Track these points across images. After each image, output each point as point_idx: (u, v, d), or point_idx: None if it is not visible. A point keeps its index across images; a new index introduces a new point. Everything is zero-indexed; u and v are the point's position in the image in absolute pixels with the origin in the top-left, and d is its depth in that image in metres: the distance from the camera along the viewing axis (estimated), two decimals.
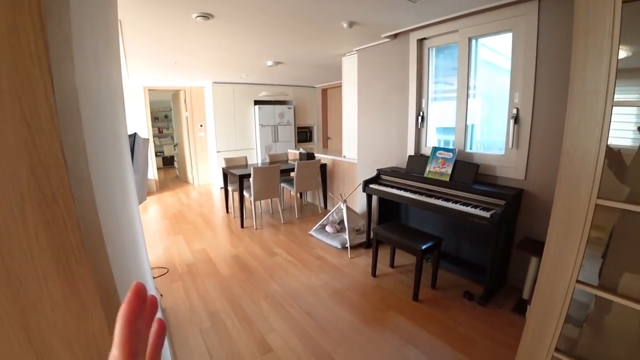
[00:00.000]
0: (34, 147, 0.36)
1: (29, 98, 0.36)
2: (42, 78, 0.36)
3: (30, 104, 0.36)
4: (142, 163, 2.51)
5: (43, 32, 0.35)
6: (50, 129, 0.37)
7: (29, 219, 0.37)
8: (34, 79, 0.36)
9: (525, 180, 2.62)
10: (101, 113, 0.82)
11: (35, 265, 0.38)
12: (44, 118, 0.36)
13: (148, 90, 6.76)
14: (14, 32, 0.35)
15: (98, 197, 0.56)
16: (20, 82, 0.35)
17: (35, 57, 0.36)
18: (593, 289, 1.30)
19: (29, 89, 0.36)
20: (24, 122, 0.35)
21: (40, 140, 0.37)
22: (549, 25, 2.34)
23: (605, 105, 1.14)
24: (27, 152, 0.36)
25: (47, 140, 0.37)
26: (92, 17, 0.83)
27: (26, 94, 0.36)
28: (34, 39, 0.35)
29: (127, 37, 3.19)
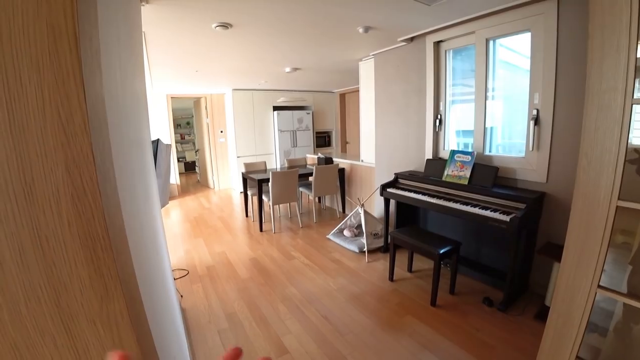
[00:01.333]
0: (68, 148, 0.42)
1: (66, 106, 0.42)
2: (77, 90, 0.42)
3: (67, 111, 0.42)
4: (165, 168, 2.61)
5: (77, 52, 0.41)
6: (82, 132, 0.43)
7: (63, 209, 0.43)
8: (70, 90, 0.42)
9: (547, 183, 2.55)
10: (125, 120, 0.88)
11: (67, 251, 0.44)
12: (77, 123, 0.42)
13: (171, 98, 7.02)
14: (55, 52, 0.41)
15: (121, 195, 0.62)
16: (58, 93, 0.42)
17: (71, 73, 0.42)
18: (617, 295, 1.26)
19: (65, 99, 0.42)
20: (61, 127, 0.42)
21: (74, 142, 0.43)
22: (568, 24, 2.29)
23: (624, 103, 1.12)
24: (63, 152, 0.42)
25: (79, 142, 0.43)
26: (118, 32, 0.90)
27: (63, 104, 0.42)
28: (70, 57, 0.42)
29: (151, 47, 3.35)
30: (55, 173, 0.42)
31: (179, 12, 2.44)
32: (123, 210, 0.61)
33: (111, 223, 0.47)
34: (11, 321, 0.42)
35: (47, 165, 0.42)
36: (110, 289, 0.46)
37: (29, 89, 0.40)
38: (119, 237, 0.50)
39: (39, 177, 0.42)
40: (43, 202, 0.42)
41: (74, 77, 0.42)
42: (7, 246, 0.41)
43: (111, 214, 0.47)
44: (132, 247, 0.66)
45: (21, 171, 0.41)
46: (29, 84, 0.40)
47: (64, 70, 0.41)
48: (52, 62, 0.41)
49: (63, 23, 0.41)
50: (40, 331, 0.44)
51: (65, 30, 0.41)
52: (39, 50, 0.40)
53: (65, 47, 0.41)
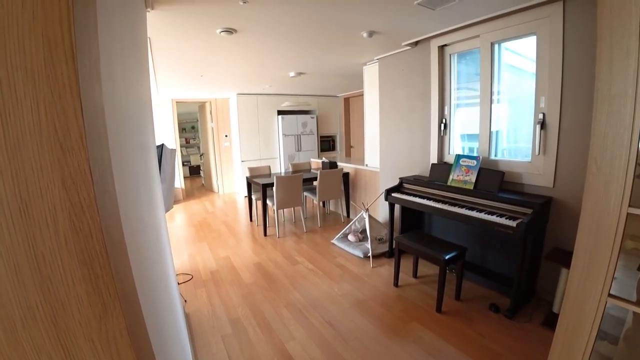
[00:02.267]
0: (65, 164, 0.42)
1: (62, 121, 0.41)
2: (73, 103, 0.41)
3: (63, 126, 0.41)
4: (169, 173, 2.62)
5: (74, 64, 0.41)
6: (79, 147, 0.42)
7: (60, 226, 0.42)
8: (67, 104, 0.41)
9: (554, 188, 2.52)
10: (129, 126, 0.88)
11: (64, 268, 0.43)
12: (74, 138, 0.41)
13: (176, 102, 7.06)
14: (50, 65, 0.41)
15: (124, 205, 0.61)
16: (54, 107, 0.41)
17: (67, 86, 0.41)
18: (627, 303, 1.23)
19: (62, 113, 0.41)
20: (58, 142, 0.41)
21: (70, 158, 0.42)
22: (575, 27, 2.27)
23: (634, 108, 1.10)
24: (60, 168, 0.41)
25: (76, 157, 0.42)
26: (122, 39, 0.90)
27: (60, 118, 0.41)
28: (67, 70, 0.41)
29: (156, 53, 3.37)
30: (51, 189, 0.41)
31: (184, 17, 2.46)
32: (124, 220, 0.60)
33: (110, 238, 0.46)
34: (7, 340, 0.41)
35: (43, 181, 0.41)
36: (109, 307, 0.45)
37: (24, 102, 0.39)
38: (118, 252, 0.49)
39: (34, 193, 0.41)
40: (39, 219, 0.41)
41: (70, 90, 0.41)
42: (3, 263, 0.40)
43: (110, 229, 0.47)
44: (133, 256, 0.65)
45: (17, 187, 0.40)
46: (24, 97, 0.39)
47: (60, 83, 0.41)
48: (47, 75, 0.40)
49: (59, 34, 0.40)
50: (36, 350, 0.42)
51: (62, 41, 0.40)
52: (34, 62, 0.40)
53: (62, 59, 0.40)
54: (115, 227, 0.50)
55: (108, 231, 0.46)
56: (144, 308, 0.58)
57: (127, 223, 0.62)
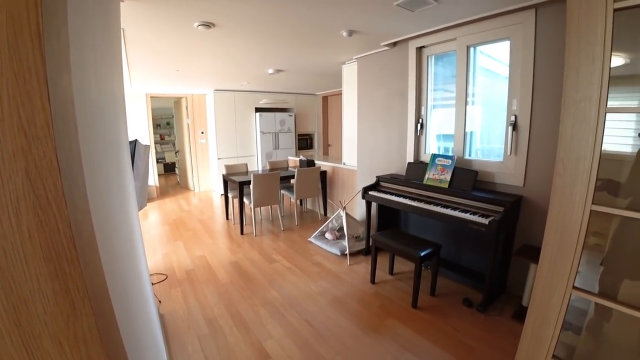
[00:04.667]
0: (29, 153, 0.38)
1: (27, 107, 0.38)
2: (39, 89, 0.38)
3: (28, 112, 0.38)
4: (143, 170, 2.53)
5: (41, 47, 0.38)
6: (45, 135, 0.39)
7: (23, 220, 0.39)
8: (32, 89, 0.38)
9: (524, 187, 2.63)
10: (100, 120, 0.84)
11: (28, 265, 0.40)
12: (39, 125, 0.38)
13: (150, 97, 6.83)
14: (15, 47, 0.38)
15: (93, 200, 0.58)
16: (19, 92, 0.38)
17: (33, 70, 0.38)
18: (589, 295, 1.30)
19: (26, 98, 0.38)
20: (22, 129, 0.38)
21: (35, 146, 0.39)
22: (545, 34, 2.37)
23: (598, 112, 1.15)
24: (24, 157, 0.38)
25: (42, 146, 0.39)
26: (94, 28, 0.86)
27: (24, 103, 0.38)
28: (32, 53, 0.38)
29: (130, 45, 3.25)
30: (14, 180, 0.38)
31: (160, 9, 2.37)
32: (95, 216, 0.57)
33: (79, 233, 0.43)
34: None
35: (4, 171, 0.38)
36: (78, 305, 0.42)
37: None
38: (88, 248, 0.46)
39: None
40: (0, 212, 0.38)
41: (36, 75, 0.38)
42: None
43: (79, 224, 0.44)
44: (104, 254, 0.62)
45: None
46: None
47: (25, 67, 0.38)
48: (11, 58, 0.37)
49: (25, 15, 0.37)
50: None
51: (27, 23, 0.37)
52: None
53: (27, 42, 0.37)
54: (85, 222, 0.47)
55: (77, 225, 0.43)
56: (115, 307, 0.56)
57: (97, 218, 0.59)
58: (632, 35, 1.28)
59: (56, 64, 0.41)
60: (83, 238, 0.45)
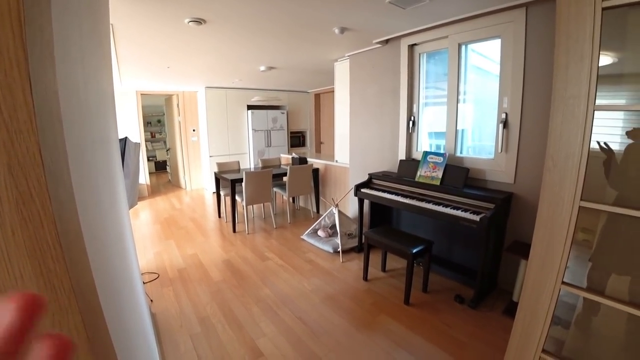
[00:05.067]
0: (12, 147, 0.37)
1: (8, 101, 0.37)
2: (21, 82, 0.37)
3: (10, 106, 0.37)
4: (133, 168, 2.49)
5: (22, 40, 0.36)
6: (28, 130, 0.38)
7: (6, 216, 0.38)
8: (14, 83, 0.37)
9: (515, 184, 2.66)
10: (88, 117, 0.82)
11: (11, 262, 0.39)
12: (22, 120, 0.37)
13: (141, 95, 6.74)
14: None
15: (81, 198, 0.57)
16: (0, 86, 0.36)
17: (14, 63, 0.37)
18: (578, 290, 1.32)
19: (8, 92, 0.37)
20: (3, 124, 0.37)
21: (18, 141, 0.38)
22: (536, 32, 2.40)
23: (587, 109, 1.17)
24: (6, 152, 0.37)
25: (25, 141, 0.38)
26: (80, 22, 0.84)
27: (5, 97, 0.37)
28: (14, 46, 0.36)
29: (120, 41, 3.19)
30: None
31: (151, 5, 2.33)
32: (83, 215, 0.56)
33: (64, 230, 0.42)
34: None
35: None
36: (63, 303, 0.41)
37: None
38: (74, 245, 0.45)
39: None
40: None
41: (17, 68, 0.37)
42: None
43: (65, 220, 0.43)
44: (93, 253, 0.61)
45: None
46: None
47: (5, 59, 0.36)
48: None
49: (5, 4, 0.35)
50: None
51: (8, 13, 0.36)
52: None
53: (8, 32, 0.36)
54: (71, 218, 0.46)
55: (62, 222, 0.42)
56: (104, 306, 0.55)
57: (85, 216, 0.58)
58: (620, 34, 1.30)
59: (39, 57, 0.39)
60: (69, 235, 0.44)
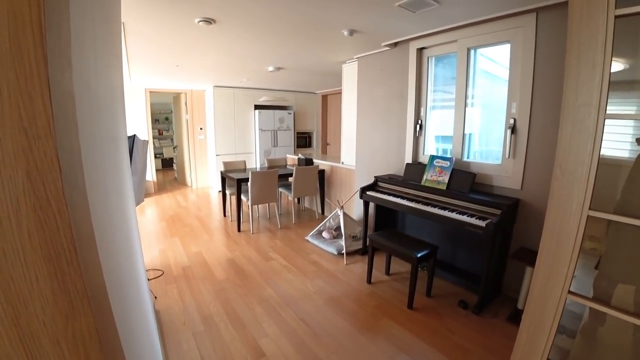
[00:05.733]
0: (30, 153, 0.38)
1: (28, 106, 0.38)
2: (41, 87, 0.38)
3: (29, 111, 0.38)
4: (141, 165, 2.52)
5: (43, 45, 0.37)
6: (46, 135, 0.38)
7: (23, 220, 0.39)
8: (33, 88, 0.38)
9: (522, 190, 2.64)
10: (98, 115, 0.83)
11: (27, 265, 0.39)
12: (40, 125, 0.38)
13: (149, 92, 6.80)
14: (16, 44, 0.37)
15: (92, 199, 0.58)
16: (20, 92, 0.37)
17: (34, 68, 0.37)
18: (585, 300, 1.30)
19: (27, 97, 0.38)
20: (22, 129, 0.37)
21: (36, 146, 0.38)
22: (546, 37, 2.38)
23: (597, 118, 1.16)
24: (24, 157, 0.38)
25: (43, 146, 0.39)
26: (94, 21, 0.85)
27: (25, 103, 0.38)
28: (34, 51, 0.37)
29: (130, 39, 3.23)
30: (14, 180, 0.38)
31: (161, 3, 2.36)
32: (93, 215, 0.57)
33: (78, 234, 0.43)
34: None
35: (5, 171, 0.38)
36: (77, 306, 0.42)
37: None
38: (87, 248, 0.46)
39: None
40: (0, 212, 0.38)
41: (38, 74, 0.38)
42: None
43: (79, 224, 0.43)
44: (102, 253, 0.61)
45: None
46: None
47: (26, 66, 0.37)
48: (13, 57, 0.37)
49: (27, 11, 0.36)
50: None
51: (30, 20, 0.36)
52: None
53: (29, 40, 0.37)
54: (85, 221, 0.47)
55: (77, 225, 0.43)
56: (113, 306, 0.55)
57: (95, 217, 0.59)
58: (632, 41, 1.29)
59: (58, 62, 0.40)
60: (82, 238, 0.45)
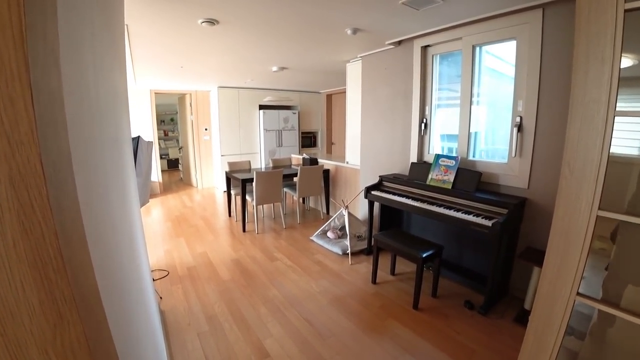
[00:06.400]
0: (12, 159, 0.37)
1: (9, 112, 0.37)
2: (22, 92, 0.37)
3: (11, 117, 0.37)
4: (145, 166, 2.53)
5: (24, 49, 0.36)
6: (29, 141, 0.37)
7: (7, 227, 0.38)
8: (14, 93, 0.37)
9: (529, 189, 2.60)
10: (98, 118, 0.83)
11: (13, 273, 0.39)
12: (23, 131, 0.37)
13: (154, 94, 6.84)
14: None
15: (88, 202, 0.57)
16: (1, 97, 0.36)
17: (15, 73, 0.36)
18: (594, 302, 1.28)
19: (9, 103, 0.37)
20: (4, 135, 0.36)
21: (19, 152, 0.38)
22: (553, 34, 2.33)
23: (607, 115, 1.13)
24: (7, 164, 0.37)
25: (25, 151, 0.38)
26: (92, 24, 0.85)
27: (6, 108, 0.37)
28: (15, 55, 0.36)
29: (134, 41, 3.24)
30: None
31: (164, 5, 2.36)
32: (90, 218, 0.56)
33: (66, 240, 0.42)
34: None
35: None
36: (65, 314, 0.41)
37: None
38: (77, 254, 0.45)
39: None
40: None
41: (19, 79, 0.37)
42: None
43: (67, 230, 0.43)
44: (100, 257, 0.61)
45: None
46: None
47: (7, 71, 0.36)
48: None
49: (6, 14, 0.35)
50: None
51: (9, 23, 0.35)
52: None
53: (9, 43, 0.36)
54: (75, 227, 0.46)
55: (65, 232, 0.42)
56: (109, 312, 0.55)
57: (91, 221, 0.58)
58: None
59: (42, 66, 0.39)
60: (72, 244, 0.44)
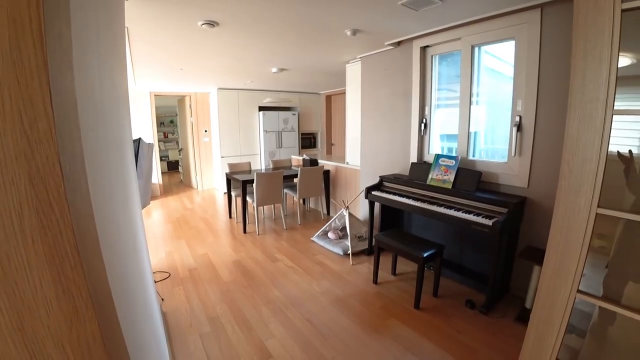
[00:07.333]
0: (32, 158, 0.38)
1: (29, 111, 0.38)
2: (42, 92, 0.38)
3: (30, 116, 0.38)
4: (146, 168, 2.53)
5: (43, 49, 0.37)
6: (48, 140, 0.38)
7: (26, 224, 0.39)
8: (34, 93, 0.38)
9: (529, 188, 2.61)
10: (102, 120, 0.84)
11: (31, 269, 0.40)
12: (42, 130, 0.38)
13: (154, 96, 6.85)
14: (16, 49, 0.37)
15: (96, 202, 0.58)
16: (21, 96, 0.37)
17: (35, 73, 0.37)
18: (594, 299, 1.29)
19: (29, 102, 0.38)
20: (24, 134, 0.37)
21: (38, 151, 0.39)
22: (551, 34, 2.35)
23: (605, 114, 1.14)
24: (26, 162, 0.38)
25: (44, 151, 0.39)
26: (97, 26, 0.86)
27: (26, 108, 0.38)
28: (35, 55, 0.37)
29: (135, 44, 3.25)
30: (17, 185, 0.38)
31: (164, 8, 2.37)
32: (98, 219, 0.57)
33: (82, 238, 0.43)
34: None
35: (7, 176, 0.38)
36: (81, 310, 0.42)
37: None
38: (91, 252, 0.46)
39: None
40: (3, 216, 0.38)
41: (38, 78, 0.38)
42: None
43: (82, 228, 0.44)
44: (108, 257, 0.62)
45: None
46: None
47: (27, 70, 0.37)
48: (13, 61, 0.37)
49: (27, 15, 0.36)
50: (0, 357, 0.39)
51: (29, 24, 0.36)
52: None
53: (29, 44, 0.37)
54: (88, 225, 0.47)
55: (80, 229, 0.43)
56: (118, 310, 0.56)
57: (100, 220, 0.59)
58: None
59: (59, 66, 0.40)
60: (86, 242, 0.45)
